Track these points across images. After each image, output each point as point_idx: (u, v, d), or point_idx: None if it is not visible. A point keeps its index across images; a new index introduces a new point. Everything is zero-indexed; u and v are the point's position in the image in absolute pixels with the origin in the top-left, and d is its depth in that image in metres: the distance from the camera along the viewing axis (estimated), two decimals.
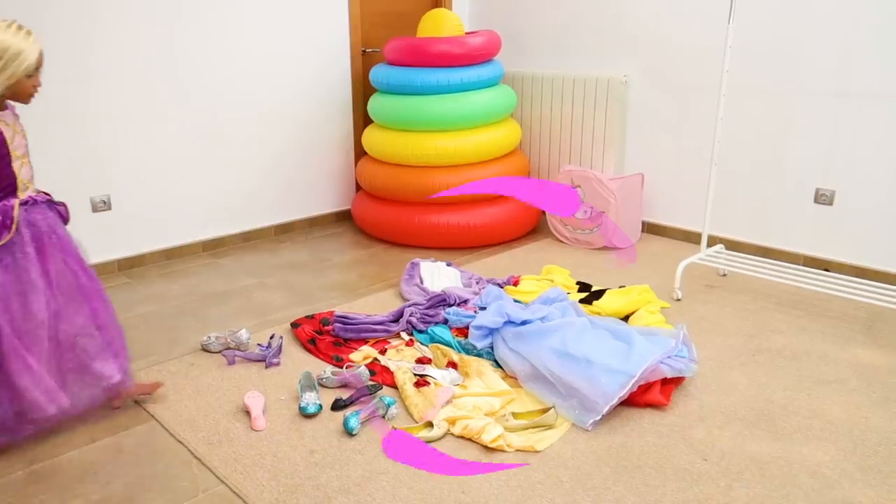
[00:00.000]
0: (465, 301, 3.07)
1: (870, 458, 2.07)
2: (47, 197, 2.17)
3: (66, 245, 2.16)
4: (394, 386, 2.49)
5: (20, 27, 1.98)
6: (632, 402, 2.35)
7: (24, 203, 2.06)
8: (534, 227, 4.30)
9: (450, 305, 3.02)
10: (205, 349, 2.77)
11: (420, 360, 2.59)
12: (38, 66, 2.00)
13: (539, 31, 4.54)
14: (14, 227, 2.02)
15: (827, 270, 3.43)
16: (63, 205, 2.24)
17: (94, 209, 3.54)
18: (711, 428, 2.23)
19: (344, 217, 4.55)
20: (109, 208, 3.57)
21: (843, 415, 2.30)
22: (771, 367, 2.62)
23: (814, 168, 3.52)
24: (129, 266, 3.68)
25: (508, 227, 4.07)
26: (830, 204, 3.50)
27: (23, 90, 2.02)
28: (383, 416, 2.30)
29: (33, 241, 2.07)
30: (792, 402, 2.37)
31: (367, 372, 2.49)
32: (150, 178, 3.68)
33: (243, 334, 2.77)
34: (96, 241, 3.48)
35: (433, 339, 2.74)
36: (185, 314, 3.14)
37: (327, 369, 2.54)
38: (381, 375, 2.54)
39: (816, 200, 3.54)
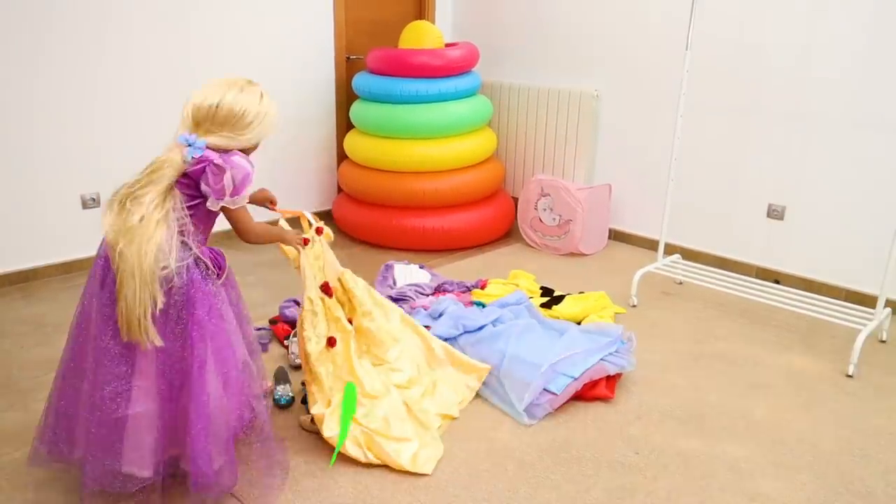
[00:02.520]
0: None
1: (784, 456, 2.30)
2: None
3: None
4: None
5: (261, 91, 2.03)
6: (581, 396, 2.57)
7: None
8: (507, 232, 4.51)
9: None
10: None
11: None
12: None
13: (517, 44, 4.74)
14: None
15: (777, 282, 3.67)
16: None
17: (84, 206, 3.71)
18: (647, 425, 2.46)
19: (325, 218, 4.70)
20: (99, 205, 3.75)
21: (768, 416, 2.53)
22: (710, 371, 2.84)
23: (767, 184, 3.75)
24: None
25: (482, 231, 4.28)
26: (781, 219, 3.73)
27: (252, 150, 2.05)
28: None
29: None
30: (724, 404, 2.60)
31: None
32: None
33: None
34: (87, 237, 3.66)
35: None
36: None
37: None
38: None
39: (769, 215, 3.77)
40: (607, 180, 4.42)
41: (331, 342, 2.37)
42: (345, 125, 4.68)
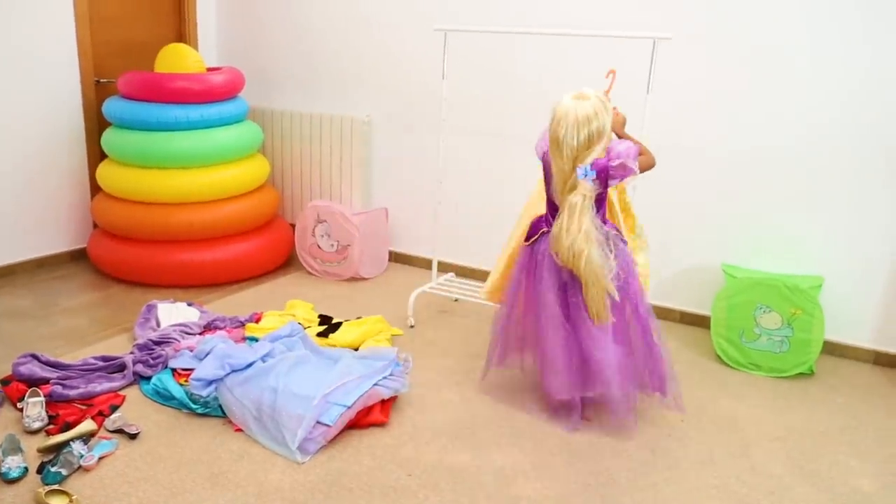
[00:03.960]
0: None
1: (543, 456, 2.47)
2: None
3: None
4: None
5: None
6: (356, 424, 2.55)
7: None
8: (286, 261, 4.39)
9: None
10: None
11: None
12: None
13: (287, 70, 4.67)
14: None
15: None
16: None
17: None
18: (420, 444, 2.50)
19: (79, 256, 4.27)
20: None
21: (528, 421, 2.69)
22: (481, 384, 2.96)
23: (520, 201, 4.04)
24: None
25: (258, 261, 4.12)
26: None
27: None
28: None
29: None
30: (493, 415, 2.73)
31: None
32: None
33: None
34: None
35: (157, 391, 2.70)
36: None
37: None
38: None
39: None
40: (383, 204, 4.49)
41: None
42: (97, 156, 4.25)
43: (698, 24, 3.41)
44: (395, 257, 4.56)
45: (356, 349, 3.10)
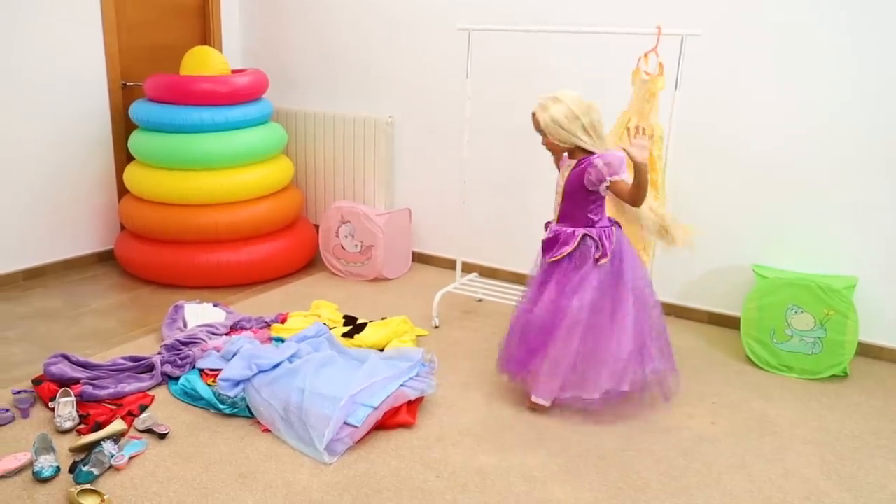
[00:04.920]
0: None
1: (573, 459, 2.44)
2: None
3: None
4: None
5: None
6: (383, 425, 2.54)
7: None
8: (310, 261, 4.40)
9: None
10: None
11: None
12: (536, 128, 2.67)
13: (310, 71, 4.69)
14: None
15: None
16: None
17: None
18: (447, 446, 2.48)
19: (107, 258, 4.31)
20: None
21: (556, 423, 2.66)
22: (507, 385, 2.93)
23: (547, 203, 4.00)
24: None
25: (283, 262, 4.14)
26: None
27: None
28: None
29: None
30: (519, 416, 2.70)
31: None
32: None
33: None
34: None
35: (185, 392, 2.72)
36: None
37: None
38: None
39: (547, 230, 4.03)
40: (407, 204, 4.48)
41: None
42: (124, 157, 4.30)
43: (727, 19, 3.35)
44: (418, 257, 4.55)
45: (381, 350, 3.09)
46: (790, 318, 3.12)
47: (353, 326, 3.32)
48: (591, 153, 2.58)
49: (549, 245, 2.71)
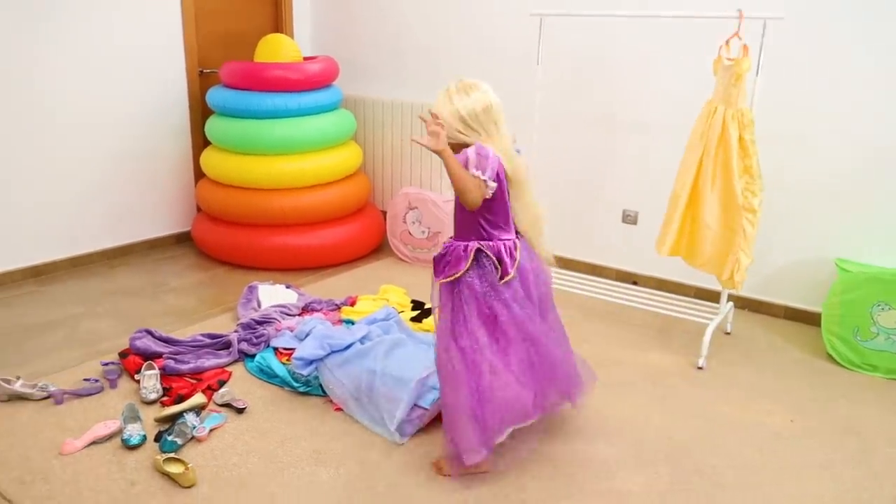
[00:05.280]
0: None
1: (645, 450, 2.40)
2: None
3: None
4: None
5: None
6: None
7: None
8: (377, 247, 4.46)
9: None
10: (3, 391, 2.56)
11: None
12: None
13: (378, 59, 4.72)
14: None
15: (636, 283, 3.86)
16: None
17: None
18: (516, 431, 2.47)
19: (184, 239, 4.48)
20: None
21: (628, 413, 2.63)
22: None
23: (620, 191, 3.95)
24: None
25: (351, 246, 4.20)
26: (635, 223, 3.94)
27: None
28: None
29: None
30: (588, 405, 2.67)
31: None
32: None
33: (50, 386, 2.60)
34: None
35: (261, 369, 2.80)
36: (1, 349, 2.99)
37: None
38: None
39: (624, 220, 3.98)
40: None
41: None
42: (201, 141, 4.44)
43: (812, 1, 3.21)
44: None
45: None
46: (876, 314, 2.98)
47: (421, 311, 3.35)
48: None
49: (435, 263, 2.22)
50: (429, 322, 3.22)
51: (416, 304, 3.48)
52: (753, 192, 2.88)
